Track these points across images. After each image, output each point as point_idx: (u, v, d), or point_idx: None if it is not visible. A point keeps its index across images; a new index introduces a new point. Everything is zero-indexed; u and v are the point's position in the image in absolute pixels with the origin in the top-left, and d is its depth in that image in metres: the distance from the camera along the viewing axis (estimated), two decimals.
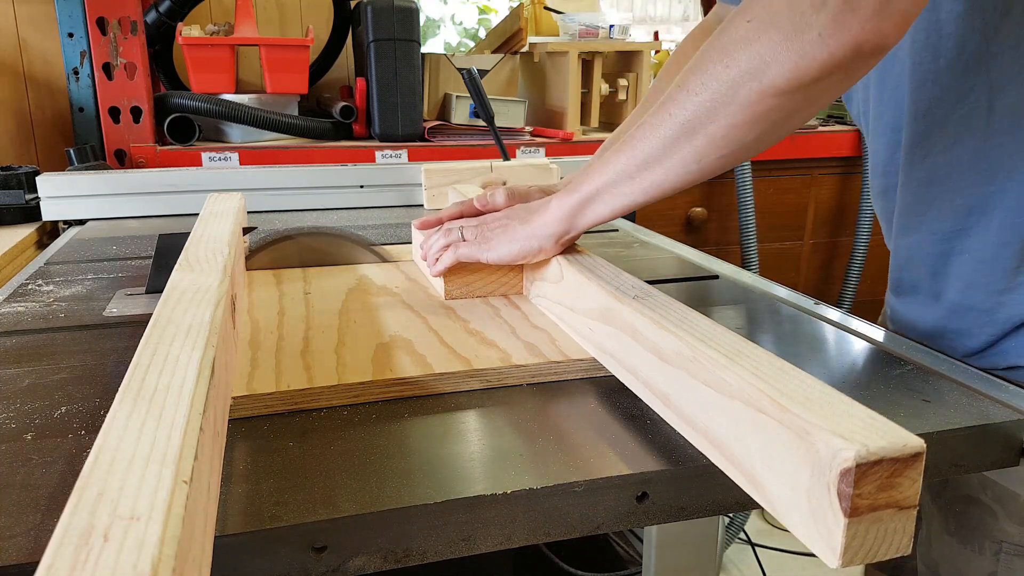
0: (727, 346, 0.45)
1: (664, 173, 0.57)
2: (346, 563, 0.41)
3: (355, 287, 0.78)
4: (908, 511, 0.35)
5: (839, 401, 0.38)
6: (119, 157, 1.60)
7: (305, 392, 0.53)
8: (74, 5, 1.59)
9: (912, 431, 0.49)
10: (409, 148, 1.69)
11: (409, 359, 0.58)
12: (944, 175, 0.67)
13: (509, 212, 0.69)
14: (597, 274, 0.61)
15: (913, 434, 0.35)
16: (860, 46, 0.48)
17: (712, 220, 1.96)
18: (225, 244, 0.67)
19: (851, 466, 0.33)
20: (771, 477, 0.39)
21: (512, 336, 0.63)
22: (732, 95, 0.52)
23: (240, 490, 0.43)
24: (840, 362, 0.62)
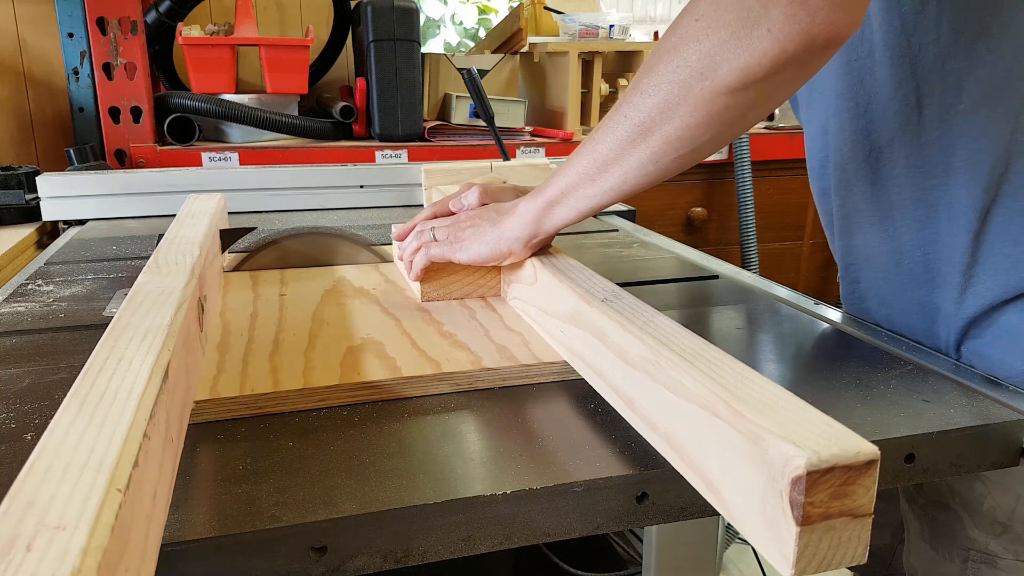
0: (688, 349, 0.44)
1: (623, 175, 0.57)
2: (346, 563, 0.41)
3: (331, 289, 0.77)
4: (863, 520, 0.34)
5: (796, 407, 0.37)
6: (119, 157, 1.60)
7: (269, 396, 0.52)
8: (74, 5, 1.59)
9: (912, 431, 0.50)
10: (409, 148, 1.69)
11: (379, 362, 0.58)
12: (889, 170, 0.66)
13: (481, 212, 0.68)
14: (569, 276, 0.60)
15: (867, 441, 0.34)
16: (812, 39, 0.47)
17: (712, 220, 1.96)
18: (196, 246, 0.66)
19: (802, 474, 0.33)
20: (728, 483, 0.38)
21: (485, 339, 0.63)
22: (684, 95, 0.51)
23: (240, 490, 0.43)
24: (840, 362, 0.62)
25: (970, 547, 0.64)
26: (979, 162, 0.61)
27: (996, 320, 0.63)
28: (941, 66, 0.61)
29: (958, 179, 0.62)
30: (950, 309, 0.65)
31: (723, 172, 1.93)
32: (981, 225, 0.62)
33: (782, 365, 0.64)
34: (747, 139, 1.86)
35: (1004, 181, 0.61)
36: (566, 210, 0.61)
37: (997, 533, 0.63)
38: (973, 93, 0.60)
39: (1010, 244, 0.61)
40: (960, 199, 0.62)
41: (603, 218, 1.23)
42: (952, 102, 0.61)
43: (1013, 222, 0.61)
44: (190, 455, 0.47)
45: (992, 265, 0.62)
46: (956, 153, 0.62)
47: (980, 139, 0.61)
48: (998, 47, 0.59)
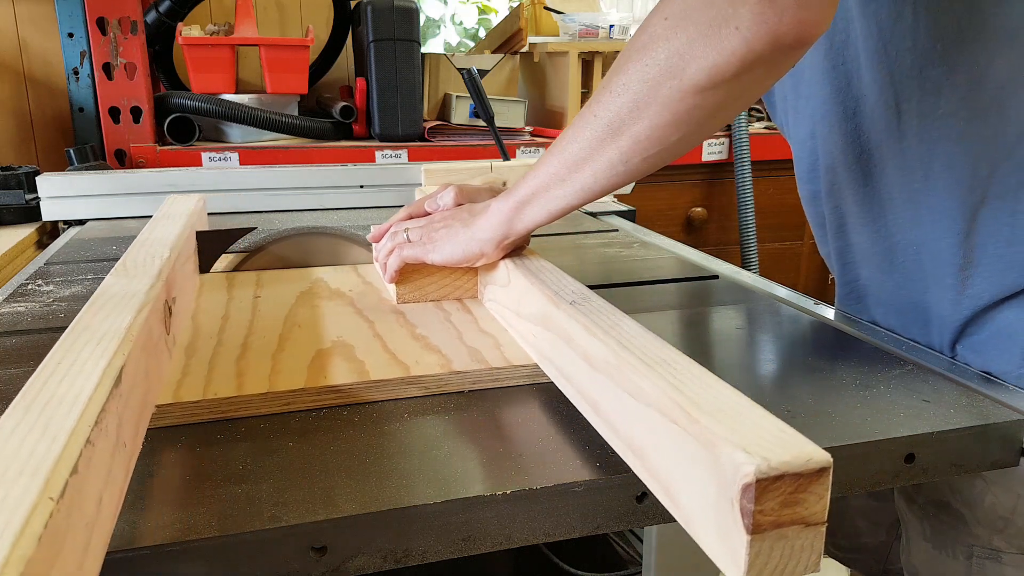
0: (651, 353, 0.44)
1: (593, 175, 0.57)
2: (346, 563, 0.41)
3: (307, 291, 0.76)
4: (815, 528, 0.34)
5: (752, 413, 0.37)
6: (119, 157, 1.60)
7: (233, 400, 0.52)
8: (74, 5, 1.59)
9: (912, 431, 0.50)
10: (409, 148, 1.69)
11: (347, 366, 0.57)
12: (879, 172, 0.66)
13: (454, 213, 0.68)
14: (540, 278, 0.60)
15: (820, 448, 0.34)
16: (780, 38, 0.47)
17: (712, 220, 1.96)
18: (167, 248, 0.65)
19: (751, 481, 0.32)
20: (684, 490, 0.38)
21: (458, 341, 0.62)
22: (653, 95, 0.51)
23: (240, 490, 0.43)
24: (840, 362, 0.62)
25: (973, 544, 0.64)
26: (960, 166, 0.61)
27: (990, 320, 0.63)
28: (919, 73, 0.61)
29: (939, 183, 0.62)
30: (945, 309, 0.65)
31: (723, 172, 1.93)
32: (970, 227, 0.62)
33: (782, 365, 0.64)
34: (747, 139, 1.86)
35: (990, 183, 0.61)
36: (537, 211, 0.61)
37: (1000, 528, 0.63)
38: (951, 99, 0.60)
39: (1003, 245, 0.61)
40: (943, 202, 0.62)
41: (603, 218, 1.23)
42: (930, 108, 0.61)
43: (1003, 223, 0.61)
44: (190, 455, 0.47)
45: (986, 266, 0.62)
46: (936, 157, 0.62)
47: (960, 143, 0.61)
48: (973, 52, 0.59)
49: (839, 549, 0.95)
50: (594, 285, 0.84)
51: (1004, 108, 0.59)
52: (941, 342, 0.67)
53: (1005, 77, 0.59)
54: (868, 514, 0.89)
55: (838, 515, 0.93)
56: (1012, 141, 0.59)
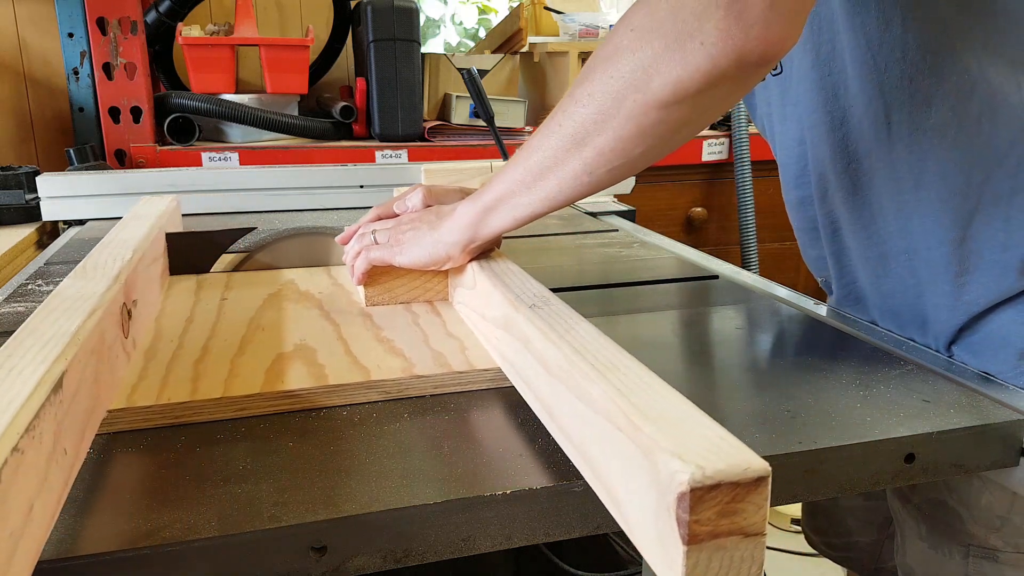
0: (603, 359, 0.43)
1: (557, 184, 0.56)
2: (346, 563, 0.41)
3: (275, 293, 0.75)
4: (755, 539, 0.33)
5: (696, 421, 0.36)
6: (119, 157, 1.60)
7: (187, 405, 0.51)
8: (74, 5, 1.59)
9: (912, 431, 0.50)
10: (409, 148, 1.69)
11: (306, 370, 0.56)
12: (868, 180, 0.66)
13: (422, 215, 0.67)
14: (503, 281, 0.59)
15: (759, 457, 0.33)
16: (745, 55, 0.46)
17: (712, 220, 1.96)
18: (129, 249, 0.64)
19: (686, 490, 0.31)
20: (628, 498, 0.37)
21: (423, 345, 0.61)
22: (617, 107, 0.51)
23: (240, 490, 0.43)
24: (840, 362, 0.62)
25: (970, 542, 0.64)
26: (953, 174, 0.61)
27: (985, 323, 0.63)
28: (908, 84, 0.60)
29: (931, 193, 0.62)
30: (941, 314, 0.65)
31: (723, 172, 1.93)
32: (964, 234, 0.62)
33: (782, 365, 0.64)
34: (747, 139, 1.86)
35: (984, 190, 0.60)
36: (502, 217, 0.61)
37: (997, 527, 0.63)
38: (942, 108, 0.60)
39: (998, 251, 0.61)
40: (936, 211, 0.62)
41: (603, 218, 1.23)
42: (921, 119, 0.61)
43: (998, 229, 0.61)
44: (190, 455, 0.47)
45: (982, 272, 0.62)
46: (928, 167, 0.62)
47: (952, 152, 0.60)
48: (964, 61, 0.59)
49: (832, 548, 0.95)
50: (594, 285, 0.84)
51: (996, 115, 0.59)
52: (938, 344, 0.67)
53: (997, 84, 0.59)
54: (858, 513, 0.89)
55: (829, 515, 0.93)
56: (1004, 147, 0.59)
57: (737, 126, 1.85)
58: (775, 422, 0.51)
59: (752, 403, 0.55)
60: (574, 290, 0.83)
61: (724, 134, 1.89)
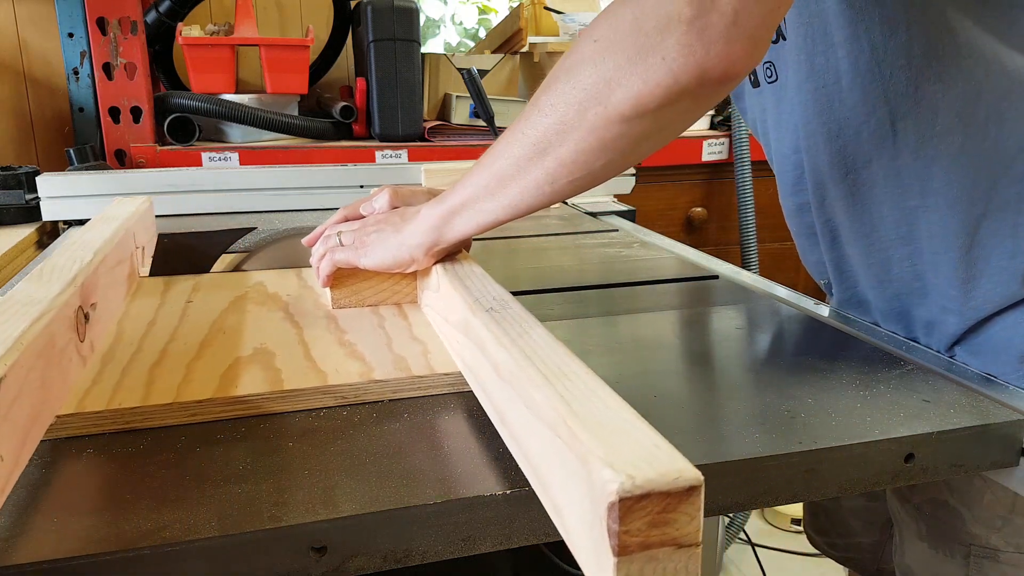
0: (551, 365, 0.43)
1: (520, 192, 0.56)
2: (346, 563, 0.41)
3: (242, 295, 0.75)
4: (688, 550, 0.32)
5: (634, 428, 0.35)
6: (119, 157, 1.60)
7: (137, 411, 0.50)
8: (74, 5, 1.59)
9: (912, 431, 0.50)
10: (409, 148, 1.69)
11: (262, 374, 0.55)
12: (867, 190, 0.66)
13: (387, 217, 0.67)
14: (465, 284, 0.59)
15: (692, 467, 0.32)
16: (706, 72, 0.46)
17: (712, 220, 1.96)
18: (90, 251, 0.64)
19: (615, 500, 0.30)
20: (567, 507, 0.36)
21: (385, 348, 0.60)
22: (579, 119, 0.51)
23: (240, 490, 0.43)
24: (840, 363, 0.62)
25: (971, 543, 0.64)
26: (959, 182, 0.61)
27: (987, 328, 0.63)
28: (914, 91, 0.60)
29: (938, 201, 0.62)
30: (947, 319, 0.65)
31: (723, 172, 1.93)
32: (971, 241, 0.62)
33: (781, 365, 0.64)
34: (747, 139, 1.86)
35: (991, 197, 0.60)
36: (466, 221, 0.60)
37: (998, 527, 0.63)
38: (948, 115, 0.60)
39: (1006, 258, 0.61)
40: (941, 220, 0.62)
41: (603, 218, 1.23)
42: (927, 126, 0.60)
43: (1006, 236, 0.61)
44: (190, 455, 0.47)
45: (989, 278, 0.62)
46: (934, 176, 0.61)
47: (959, 158, 0.60)
48: (968, 67, 0.59)
49: (834, 548, 0.95)
50: (594, 285, 0.84)
51: (1003, 121, 0.59)
52: (940, 345, 0.67)
53: (1004, 90, 0.58)
54: (861, 514, 0.89)
55: (831, 515, 0.93)
56: (1012, 153, 0.59)
57: (737, 126, 1.85)
58: (775, 422, 0.51)
59: (752, 403, 0.55)
60: (574, 290, 0.83)
61: (724, 134, 1.89)
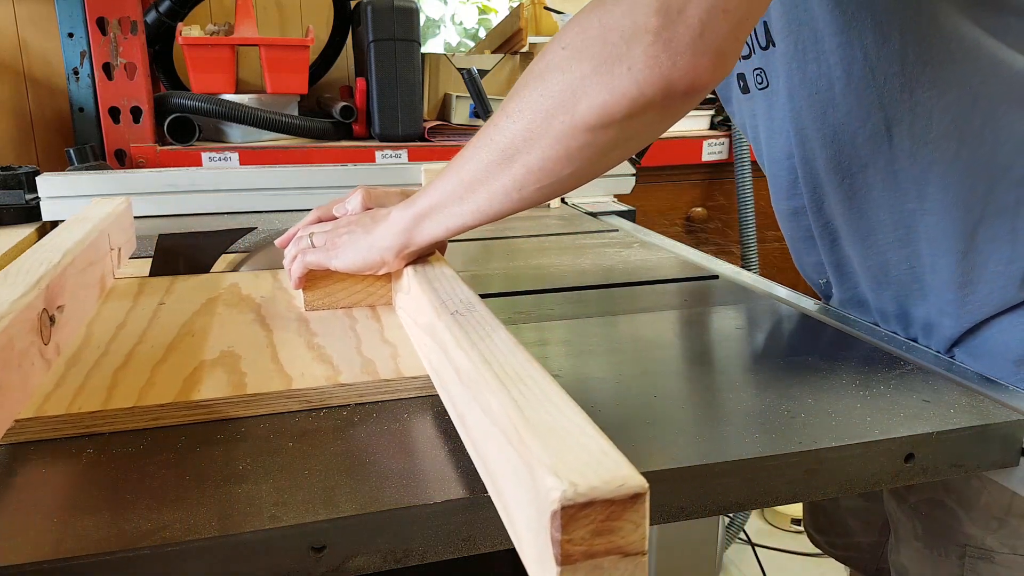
0: (508, 369, 0.42)
1: (488, 198, 0.56)
2: (346, 563, 0.41)
3: (215, 297, 0.74)
4: (634, 558, 0.31)
5: (583, 434, 0.35)
6: (119, 157, 1.60)
7: (97, 415, 0.50)
8: (74, 5, 1.59)
9: (911, 431, 0.50)
10: (409, 148, 1.69)
11: (227, 378, 0.55)
12: (864, 194, 0.66)
13: (358, 219, 0.66)
14: (432, 286, 0.58)
15: (637, 474, 0.31)
16: (672, 84, 0.46)
17: (712, 220, 1.96)
18: (59, 253, 0.63)
19: (557, 508, 0.30)
20: (518, 514, 0.35)
21: (354, 352, 0.60)
22: (546, 126, 0.50)
23: (240, 490, 0.43)
24: (840, 363, 0.62)
25: (966, 543, 0.64)
26: (956, 186, 0.61)
27: (985, 330, 0.64)
28: (909, 96, 0.60)
29: (935, 205, 0.62)
30: (944, 321, 0.66)
31: (723, 172, 1.93)
32: (969, 245, 0.62)
33: (781, 366, 0.64)
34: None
35: (988, 202, 0.60)
36: (435, 225, 0.60)
37: (994, 528, 0.63)
38: (943, 120, 0.60)
39: (1003, 263, 0.61)
40: (940, 222, 0.62)
41: (603, 218, 1.23)
42: (922, 130, 0.60)
43: (1004, 240, 0.61)
44: (191, 455, 0.47)
45: (987, 283, 0.62)
46: (930, 180, 0.62)
47: (955, 163, 0.60)
48: (965, 73, 0.59)
49: (834, 547, 0.95)
50: (594, 285, 0.84)
51: (998, 126, 0.59)
52: (940, 346, 0.68)
53: (999, 95, 0.58)
54: (859, 514, 0.89)
55: (830, 515, 0.93)
56: (1009, 159, 0.59)
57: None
58: (775, 422, 0.51)
59: (752, 403, 0.55)
60: (574, 290, 0.83)
61: (724, 134, 1.89)
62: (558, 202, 1.31)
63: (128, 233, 0.90)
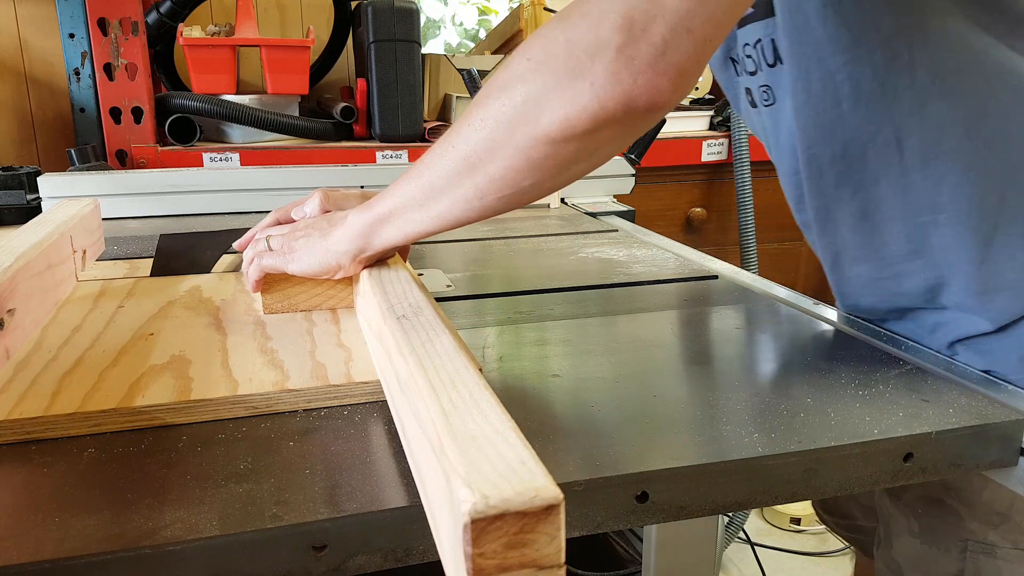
0: (444, 375, 0.41)
1: (448, 206, 0.56)
2: (346, 562, 0.41)
3: (175, 300, 0.73)
4: (549, 571, 0.30)
5: (503, 442, 0.34)
6: (120, 157, 1.60)
7: (38, 420, 0.49)
8: (75, 6, 1.59)
9: (910, 431, 0.50)
10: (409, 149, 1.69)
11: (173, 383, 0.54)
12: (874, 208, 0.66)
13: (315, 222, 0.66)
14: (384, 289, 0.58)
15: (552, 485, 0.30)
16: (632, 101, 0.46)
17: (712, 220, 1.96)
18: (11, 256, 0.62)
19: (468, 521, 0.29)
20: (440, 525, 0.34)
21: (307, 356, 0.59)
22: (509, 136, 0.50)
23: (240, 490, 0.43)
24: (839, 363, 0.62)
25: (968, 538, 0.65)
26: (969, 196, 0.61)
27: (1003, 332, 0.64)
28: (920, 109, 0.60)
29: (948, 215, 0.62)
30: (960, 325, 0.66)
31: (723, 172, 1.93)
32: (984, 255, 0.62)
33: (781, 365, 0.64)
34: (746, 139, 1.86)
35: (1002, 211, 0.61)
36: (393, 231, 0.60)
37: (996, 524, 0.63)
38: (955, 132, 0.60)
39: (1019, 270, 0.62)
40: (954, 232, 0.62)
41: (603, 218, 1.23)
42: (934, 142, 0.61)
43: (1018, 247, 0.61)
44: (191, 455, 0.47)
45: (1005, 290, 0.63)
46: (943, 191, 0.62)
47: (968, 174, 0.60)
48: (974, 85, 0.59)
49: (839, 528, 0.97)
50: (594, 285, 0.84)
51: (1009, 135, 0.59)
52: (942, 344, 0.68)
53: (1008, 104, 0.59)
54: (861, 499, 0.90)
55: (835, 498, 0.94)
56: (1020, 167, 0.60)
57: (736, 127, 1.86)
58: (774, 422, 0.51)
59: (752, 403, 0.55)
60: (574, 290, 0.83)
61: (724, 135, 1.89)
62: (558, 202, 1.32)
63: (95, 235, 0.89)
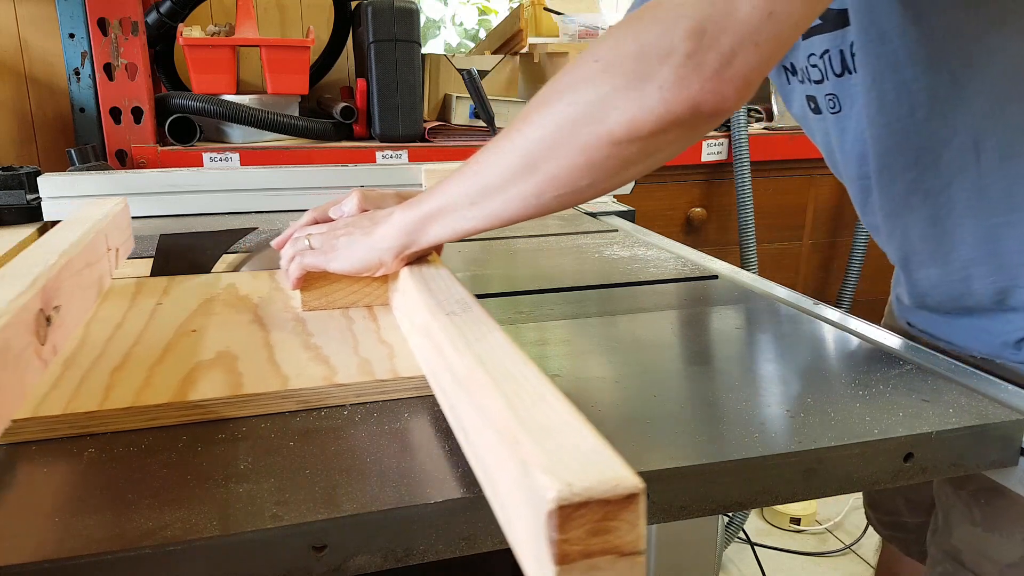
0: (503, 370, 0.42)
1: (504, 204, 0.56)
2: (346, 562, 0.41)
3: (212, 298, 0.74)
4: (631, 558, 0.31)
5: (577, 433, 0.34)
6: (120, 157, 1.60)
7: (94, 415, 0.50)
8: (75, 6, 1.59)
9: (911, 431, 0.50)
10: (409, 149, 1.69)
11: (223, 378, 0.55)
12: (945, 214, 0.67)
13: (356, 220, 0.66)
14: (428, 287, 0.58)
15: (633, 474, 0.31)
16: (698, 105, 0.47)
17: (712, 220, 1.96)
18: (54, 254, 0.63)
19: (554, 508, 0.30)
20: (515, 516, 0.35)
21: (351, 352, 0.59)
22: (572, 136, 0.51)
23: (240, 490, 0.43)
24: (839, 362, 0.62)
25: None
26: None
27: None
28: (1000, 111, 0.61)
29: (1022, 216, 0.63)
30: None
31: (723, 172, 1.93)
32: None
33: (781, 365, 0.64)
34: (746, 139, 1.86)
35: None
36: (443, 228, 0.60)
37: None
38: None
39: None
40: None
41: (603, 218, 1.23)
42: (1012, 142, 0.62)
43: None
44: (192, 455, 0.47)
45: None
46: (1018, 192, 0.63)
47: None
48: None
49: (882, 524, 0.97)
50: (594, 285, 0.84)
51: None
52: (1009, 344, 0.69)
53: None
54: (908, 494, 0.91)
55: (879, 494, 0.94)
56: None
57: (736, 127, 1.86)
58: (775, 422, 0.51)
59: (752, 403, 0.55)
60: (574, 290, 0.83)
61: (724, 135, 1.89)
62: None
63: (125, 233, 0.90)
